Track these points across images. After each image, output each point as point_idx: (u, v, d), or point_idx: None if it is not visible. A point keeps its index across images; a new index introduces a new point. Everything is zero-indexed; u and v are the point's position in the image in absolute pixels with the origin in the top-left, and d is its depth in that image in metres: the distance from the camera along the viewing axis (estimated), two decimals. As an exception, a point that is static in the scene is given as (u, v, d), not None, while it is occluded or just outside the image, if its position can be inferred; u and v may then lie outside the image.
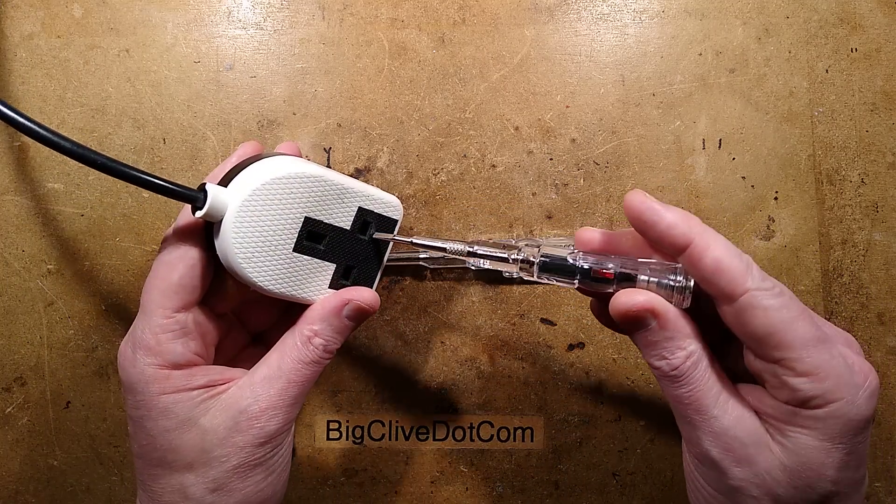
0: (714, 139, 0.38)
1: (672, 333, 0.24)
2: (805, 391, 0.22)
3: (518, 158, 0.39)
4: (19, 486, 0.39)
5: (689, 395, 0.24)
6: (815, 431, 0.23)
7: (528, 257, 0.28)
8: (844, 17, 0.39)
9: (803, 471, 0.23)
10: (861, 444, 0.23)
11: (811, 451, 0.23)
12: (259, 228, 0.27)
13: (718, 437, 0.24)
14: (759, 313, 0.23)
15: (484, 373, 0.38)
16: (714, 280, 0.23)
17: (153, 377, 0.27)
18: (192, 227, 0.28)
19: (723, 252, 0.23)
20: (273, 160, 0.27)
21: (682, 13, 0.39)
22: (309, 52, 0.39)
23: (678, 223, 0.24)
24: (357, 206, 0.29)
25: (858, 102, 0.38)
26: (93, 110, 0.39)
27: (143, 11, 0.39)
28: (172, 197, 0.26)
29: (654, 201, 0.25)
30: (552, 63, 0.39)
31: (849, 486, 0.24)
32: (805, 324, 0.23)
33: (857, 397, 0.23)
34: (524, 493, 0.38)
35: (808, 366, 0.22)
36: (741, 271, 0.23)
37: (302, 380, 0.28)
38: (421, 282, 0.39)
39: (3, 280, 0.38)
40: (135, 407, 0.27)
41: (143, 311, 0.27)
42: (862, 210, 0.38)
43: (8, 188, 0.38)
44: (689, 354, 0.24)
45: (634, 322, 0.25)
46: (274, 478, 0.28)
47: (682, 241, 0.24)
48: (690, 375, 0.24)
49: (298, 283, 0.29)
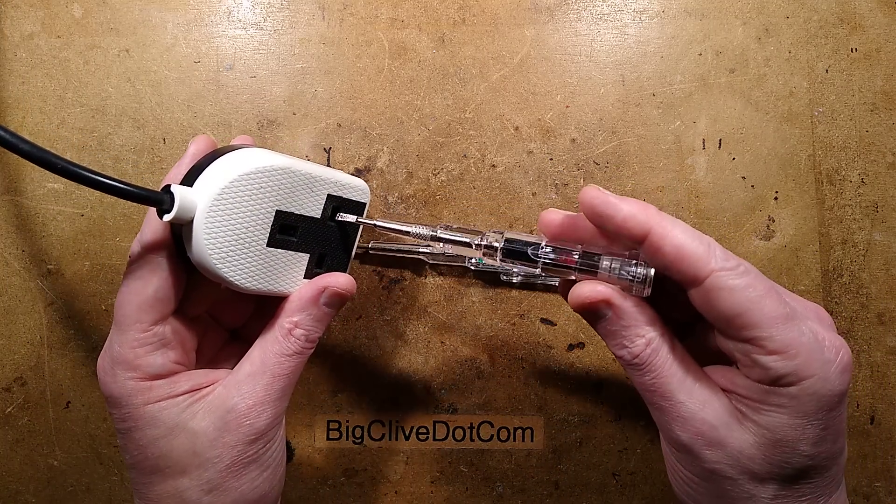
0: (714, 139, 0.38)
1: (629, 322, 0.25)
2: (776, 369, 0.22)
3: (518, 158, 0.39)
4: (19, 486, 0.39)
5: (653, 382, 0.25)
6: (789, 409, 0.23)
7: (491, 243, 0.28)
8: (844, 17, 0.39)
9: (778, 447, 0.23)
10: (836, 419, 0.23)
11: (785, 428, 0.23)
12: (231, 227, 0.26)
13: (687, 422, 0.24)
14: (725, 294, 0.22)
15: (484, 373, 0.38)
16: (677, 266, 0.23)
17: (135, 389, 0.26)
18: (160, 234, 0.27)
19: (682, 237, 0.23)
20: (237, 154, 0.27)
21: (682, 13, 0.39)
22: (309, 52, 0.39)
23: (635, 214, 0.24)
24: (326, 193, 0.29)
25: (858, 102, 0.38)
26: (93, 110, 0.39)
27: (143, 11, 0.39)
28: (136, 201, 0.24)
29: (609, 194, 0.25)
30: (552, 63, 0.39)
31: (826, 459, 0.24)
32: (772, 301, 0.22)
33: (829, 373, 0.22)
34: (524, 493, 0.38)
35: (778, 344, 0.22)
36: (703, 254, 0.23)
37: (286, 372, 0.28)
38: (421, 281, 0.39)
39: (3, 280, 0.38)
40: (121, 420, 0.27)
41: (118, 326, 0.27)
42: (862, 210, 0.38)
43: (8, 188, 0.38)
44: (649, 342, 0.24)
45: (591, 313, 0.25)
46: (269, 474, 0.28)
47: (640, 232, 0.24)
48: (652, 362, 0.24)
49: (274, 277, 0.28)
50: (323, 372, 0.39)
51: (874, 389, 0.38)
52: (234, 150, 0.27)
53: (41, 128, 0.38)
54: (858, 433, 0.38)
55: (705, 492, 0.25)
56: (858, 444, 0.38)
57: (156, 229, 0.27)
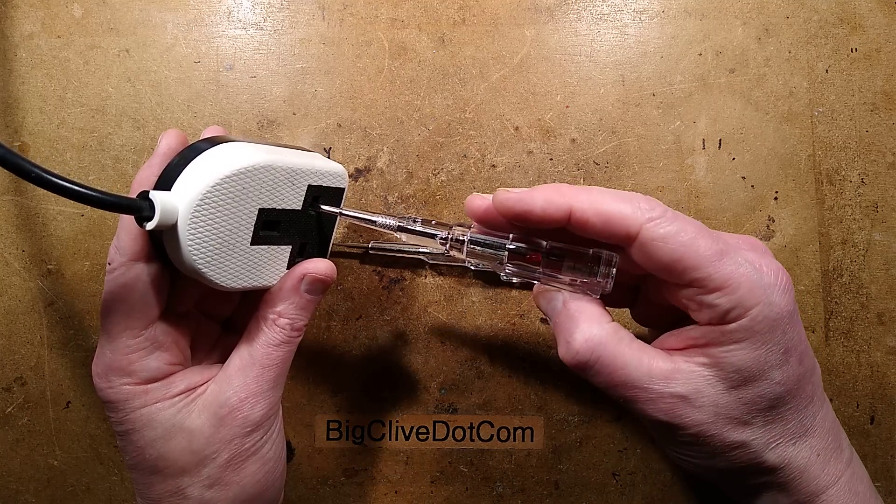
0: (714, 139, 0.38)
1: (573, 320, 0.25)
2: (721, 305, 0.23)
3: (518, 158, 0.39)
4: (19, 486, 0.39)
5: (609, 379, 0.24)
6: (745, 343, 0.23)
7: (458, 236, 0.27)
8: (844, 17, 0.39)
9: (748, 384, 0.23)
10: (794, 340, 0.24)
11: (748, 362, 0.23)
12: (215, 230, 0.25)
13: (657, 403, 0.24)
14: (659, 244, 0.23)
15: (484, 373, 0.38)
16: (608, 231, 0.23)
17: (132, 394, 0.26)
18: (139, 240, 0.26)
19: (604, 203, 0.23)
20: (216, 153, 0.26)
21: (682, 13, 0.39)
22: (309, 52, 0.39)
23: (551, 198, 0.24)
24: (307, 184, 0.29)
25: (858, 102, 0.38)
26: (93, 110, 0.39)
27: (143, 11, 0.39)
28: (114, 210, 0.23)
29: (518, 191, 0.25)
30: (552, 63, 0.39)
31: (798, 381, 0.24)
32: (705, 240, 0.23)
33: (773, 296, 0.23)
34: (524, 493, 0.38)
35: (718, 280, 0.22)
36: (629, 212, 0.23)
37: (275, 362, 0.28)
38: (421, 281, 0.39)
39: (3, 280, 0.38)
40: (119, 423, 0.27)
41: (107, 334, 0.26)
42: (862, 210, 0.38)
43: (8, 188, 0.38)
44: (588, 338, 0.24)
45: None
46: (269, 467, 0.28)
47: (563, 215, 0.24)
48: (601, 357, 0.24)
49: (259, 272, 0.28)
50: (323, 372, 0.39)
51: (874, 389, 0.38)
52: (211, 145, 0.26)
53: (41, 128, 0.38)
54: (858, 433, 0.38)
55: (700, 455, 0.25)
56: (858, 444, 0.38)
57: (134, 235, 0.26)
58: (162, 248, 0.26)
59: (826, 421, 0.26)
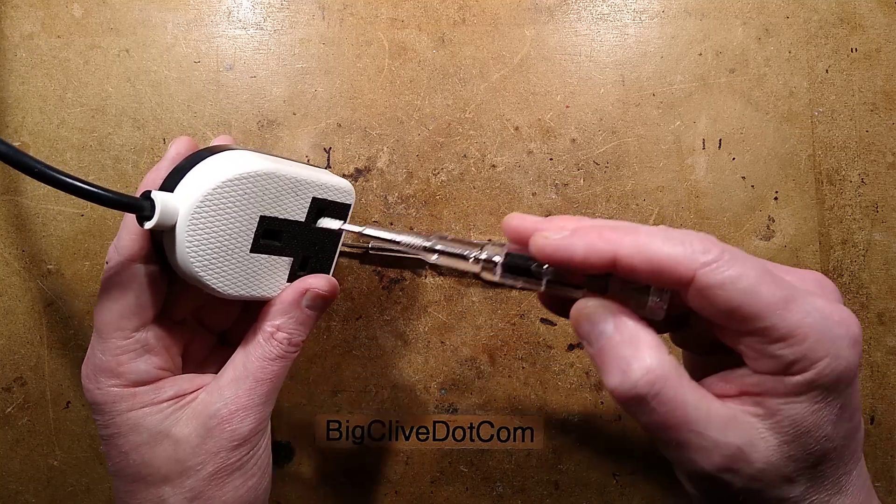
0: (714, 139, 0.38)
1: (630, 347, 0.22)
2: (786, 356, 0.21)
3: (518, 158, 0.39)
4: (19, 486, 0.39)
5: (664, 418, 0.21)
6: (806, 396, 0.21)
7: (490, 257, 0.25)
8: (844, 17, 0.39)
9: (799, 439, 0.22)
10: (852, 395, 0.22)
11: (805, 416, 0.21)
12: (214, 233, 0.25)
13: (711, 452, 0.21)
14: (717, 291, 0.21)
15: (484, 373, 0.38)
16: (658, 279, 0.22)
17: (119, 396, 0.26)
18: (139, 240, 0.26)
19: (651, 247, 0.21)
20: (220, 158, 0.26)
21: (682, 13, 0.39)
22: (309, 52, 0.39)
23: (594, 246, 0.22)
24: (311, 196, 0.28)
25: (858, 102, 0.38)
26: (93, 110, 0.39)
27: (143, 11, 0.39)
28: (115, 207, 0.23)
29: (557, 237, 0.22)
30: (552, 63, 0.39)
31: (845, 438, 0.22)
32: (768, 287, 0.21)
33: (842, 349, 0.21)
34: (524, 493, 0.38)
35: (783, 330, 0.20)
36: (680, 256, 0.21)
37: (269, 377, 0.27)
38: (421, 281, 0.39)
39: (3, 280, 0.38)
40: (104, 426, 0.27)
41: (99, 334, 0.26)
42: (862, 210, 0.38)
43: (8, 188, 0.38)
44: (650, 369, 0.21)
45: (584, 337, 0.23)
46: (253, 482, 0.28)
47: (607, 262, 0.22)
48: (661, 393, 0.21)
49: (258, 282, 0.28)
50: (323, 372, 0.39)
51: (874, 389, 0.38)
52: (217, 152, 0.26)
53: (41, 128, 0.38)
54: (858, 433, 0.38)
55: None
56: (858, 444, 0.38)
57: (134, 235, 0.26)
58: (162, 251, 0.26)
59: (860, 478, 0.24)
